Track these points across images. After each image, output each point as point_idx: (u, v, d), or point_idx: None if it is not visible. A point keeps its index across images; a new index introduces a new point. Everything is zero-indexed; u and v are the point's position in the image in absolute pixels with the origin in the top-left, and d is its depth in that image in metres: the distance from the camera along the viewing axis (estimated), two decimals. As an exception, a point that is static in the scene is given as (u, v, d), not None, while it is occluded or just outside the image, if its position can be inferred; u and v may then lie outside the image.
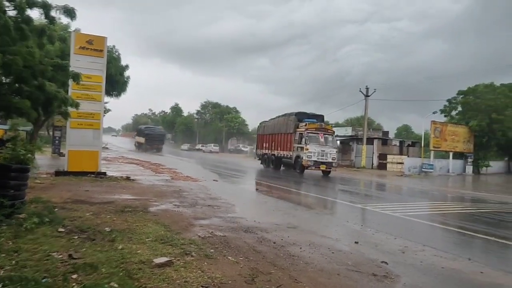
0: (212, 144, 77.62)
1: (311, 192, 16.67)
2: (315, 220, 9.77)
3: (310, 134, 26.13)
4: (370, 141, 40.62)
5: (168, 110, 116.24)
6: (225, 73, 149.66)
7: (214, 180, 18.28)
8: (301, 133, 26.67)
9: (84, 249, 5.33)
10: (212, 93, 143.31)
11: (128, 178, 15.30)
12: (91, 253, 5.13)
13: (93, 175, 14.80)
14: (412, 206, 13.59)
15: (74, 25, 27.45)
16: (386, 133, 53.47)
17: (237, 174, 24.83)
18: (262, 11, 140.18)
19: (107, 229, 6.61)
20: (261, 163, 33.58)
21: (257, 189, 15.71)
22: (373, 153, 40.13)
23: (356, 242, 7.20)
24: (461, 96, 40.58)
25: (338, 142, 43.19)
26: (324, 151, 25.88)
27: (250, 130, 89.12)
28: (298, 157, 26.81)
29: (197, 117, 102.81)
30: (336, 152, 27.66)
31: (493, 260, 7.04)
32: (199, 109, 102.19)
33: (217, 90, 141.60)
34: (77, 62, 14.62)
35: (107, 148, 44.35)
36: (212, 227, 7.59)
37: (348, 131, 48.52)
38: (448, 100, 41.57)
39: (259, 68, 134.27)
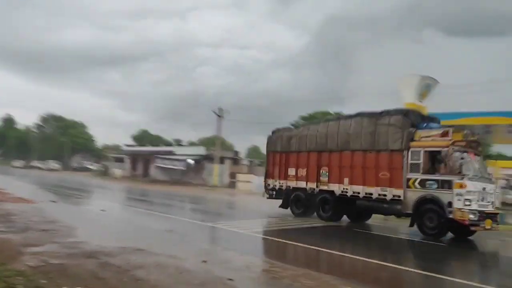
0: (52, 161, 69.95)
1: (160, 211, 16.29)
2: (164, 241, 9.54)
3: (463, 156, 12.49)
4: (222, 160, 41.98)
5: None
6: (72, 84, 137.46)
7: (52, 201, 16.44)
8: (441, 152, 12.39)
9: None
10: (56, 105, 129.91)
11: None
12: None
13: None
14: (259, 223, 14.39)
15: None
16: (237, 153, 55.95)
17: (81, 194, 22.82)
18: (115, 24, 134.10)
19: None
20: (281, 205, 17.52)
21: (102, 210, 14.65)
22: (224, 172, 41.52)
23: (204, 261, 7.26)
24: (302, 121, 45.26)
25: (192, 161, 43.57)
26: (485, 189, 12.43)
27: (98, 147, 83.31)
28: (434, 201, 12.38)
29: (35, 130, 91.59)
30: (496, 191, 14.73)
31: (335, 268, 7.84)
32: (38, 122, 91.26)
33: (62, 103, 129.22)
34: None
35: None
36: (47, 255, 6.77)
37: (201, 151, 49.34)
38: (292, 124, 45.86)
39: (110, 82, 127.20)
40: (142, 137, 72.69)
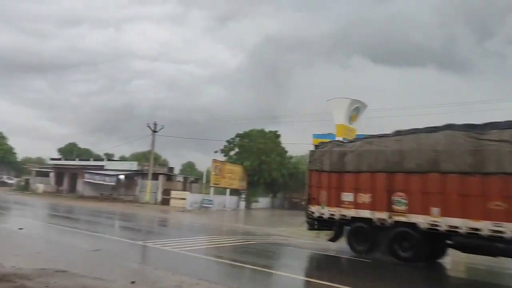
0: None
1: (86, 229, 15.38)
2: (88, 261, 8.99)
3: None
4: (155, 176, 40.80)
5: None
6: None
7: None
8: None
9: None
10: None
11: None
12: None
13: None
14: (190, 241, 14.09)
15: None
16: (171, 169, 54.74)
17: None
18: (42, 30, 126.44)
19: None
20: (332, 238, 14.62)
21: (20, 229, 13.50)
22: (157, 188, 40.35)
23: (132, 282, 6.92)
24: (238, 138, 45.55)
25: (123, 176, 41.87)
26: None
27: (19, 159, 77.22)
28: None
29: None
30: None
31: (259, 287, 7.85)
32: None
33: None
34: None
35: None
36: (-49, 279, 6.06)
37: (133, 166, 47.67)
38: (228, 141, 46.00)
39: (35, 91, 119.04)
40: (70, 151, 68.68)
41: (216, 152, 42.94)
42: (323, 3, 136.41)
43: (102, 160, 52.87)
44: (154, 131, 39.56)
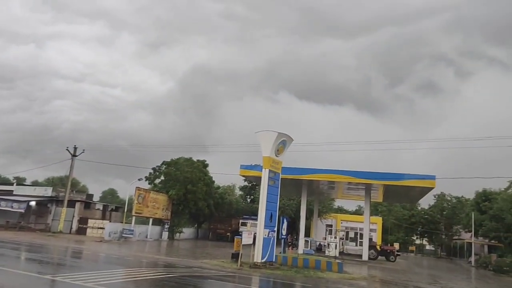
0: None
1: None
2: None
3: None
4: (72, 203, 38.13)
5: None
6: None
7: None
8: None
9: None
10: None
11: None
12: None
13: None
14: (106, 274, 13.22)
15: None
16: (90, 196, 51.69)
17: None
18: None
19: None
20: None
21: None
22: (73, 216, 37.67)
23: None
24: (164, 166, 44.40)
25: (34, 202, 38.64)
26: None
27: None
28: None
29: None
30: None
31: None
32: None
33: None
34: None
35: None
36: None
37: (48, 192, 44.23)
38: (153, 169, 44.62)
39: None
40: (-27, 173, 62.28)
41: (140, 179, 41.40)
42: (253, 38, 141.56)
43: (11, 184, 48.55)
44: (74, 155, 37.30)
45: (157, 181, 44.35)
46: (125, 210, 40.45)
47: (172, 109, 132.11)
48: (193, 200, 42.11)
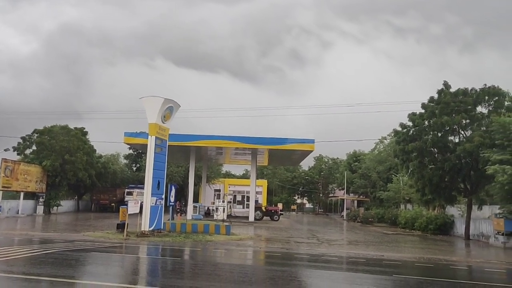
0: None
1: None
2: None
3: None
4: None
5: None
6: None
7: None
8: None
9: None
10: None
11: None
12: None
13: None
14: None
15: None
16: None
17: None
18: None
19: None
20: None
21: None
22: None
23: None
24: (36, 135, 40.05)
25: None
26: None
27: None
28: None
29: None
30: None
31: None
32: None
33: None
34: None
35: None
36: None
37: None
38: (23, 138, 39.96)
39: None
40: None
41: (6, 150, 36.82)
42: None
43: None
44: None
45: (28, 151, 40.02)
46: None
47: (37, 72, 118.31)
48: (72, 171, 39.06)
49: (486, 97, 23.96)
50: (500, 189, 20.19)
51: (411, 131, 25.78)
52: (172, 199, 23.13)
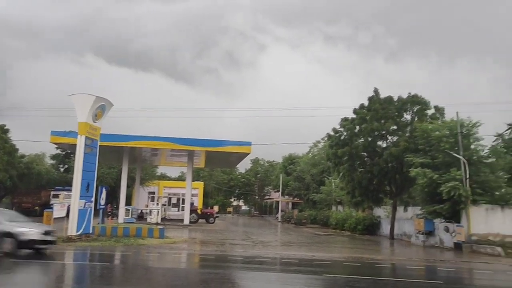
0: None
1: None
2: None
3: None
4: None
5: None
6: None
7: None
8: None
9: None
10: None
11: None
12: None
13: None
14: None
15: None
16: None
17: None
18: None
19: None
20: None
21: None
22: None
23: None
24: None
25: None
26: None
27: None
28: None
29: None
30: None
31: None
32: None
33: None
34: None
35: None
36: None
37: None
38: None
39: None
40: None
41: None
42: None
43: None
44: None
45: None
46: None
47: None
48: None
49: (409, 105, 25.73)
50: (421, 191, 21.84)
51: (343, 136, 26.95)
52: (103, 202, 22.11)
